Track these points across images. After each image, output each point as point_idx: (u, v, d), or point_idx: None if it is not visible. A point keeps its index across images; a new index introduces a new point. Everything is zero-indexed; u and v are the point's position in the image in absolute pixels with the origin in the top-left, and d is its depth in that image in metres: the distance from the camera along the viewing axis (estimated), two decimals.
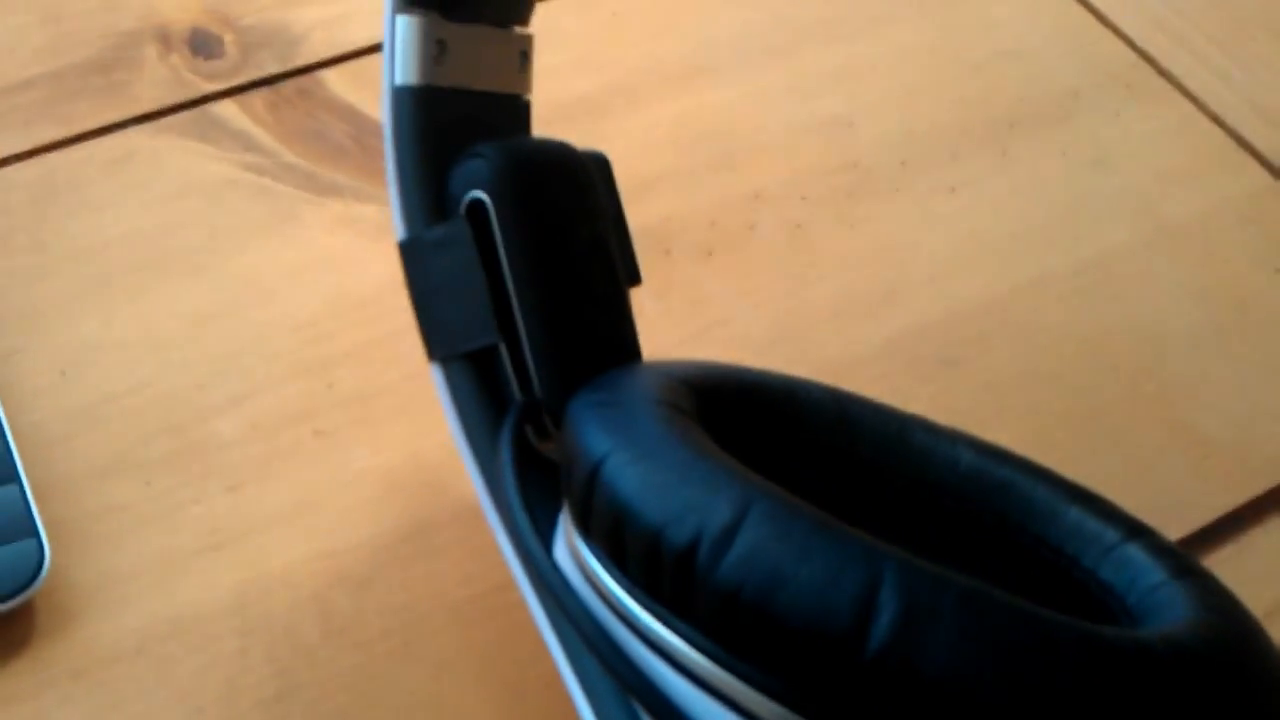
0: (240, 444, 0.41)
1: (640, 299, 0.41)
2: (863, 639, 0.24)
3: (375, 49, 0.52)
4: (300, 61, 0.51)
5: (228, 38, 0.51)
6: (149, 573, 0.38)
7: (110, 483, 0.40)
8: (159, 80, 0.50)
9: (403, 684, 0.37)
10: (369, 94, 0.50)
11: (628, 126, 0.50)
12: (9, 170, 0.47)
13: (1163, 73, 0.54)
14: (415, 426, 0.42)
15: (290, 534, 0.39)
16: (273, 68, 0.51)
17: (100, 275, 0.44)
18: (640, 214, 0.47)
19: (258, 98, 0.50)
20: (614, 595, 0.27)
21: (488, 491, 0.32)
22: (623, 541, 0.27)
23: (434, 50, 0.32)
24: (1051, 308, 0.47)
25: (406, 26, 0.32)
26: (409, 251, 0.32)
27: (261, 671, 0.37)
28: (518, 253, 0.31)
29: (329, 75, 0.51)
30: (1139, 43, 0.55)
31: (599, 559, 0.28)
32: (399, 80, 0.32)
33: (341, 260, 0.45)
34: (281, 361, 0.43)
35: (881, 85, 0.53)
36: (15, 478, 0.38)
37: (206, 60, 0.51)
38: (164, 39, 0.51)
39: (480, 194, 0.31)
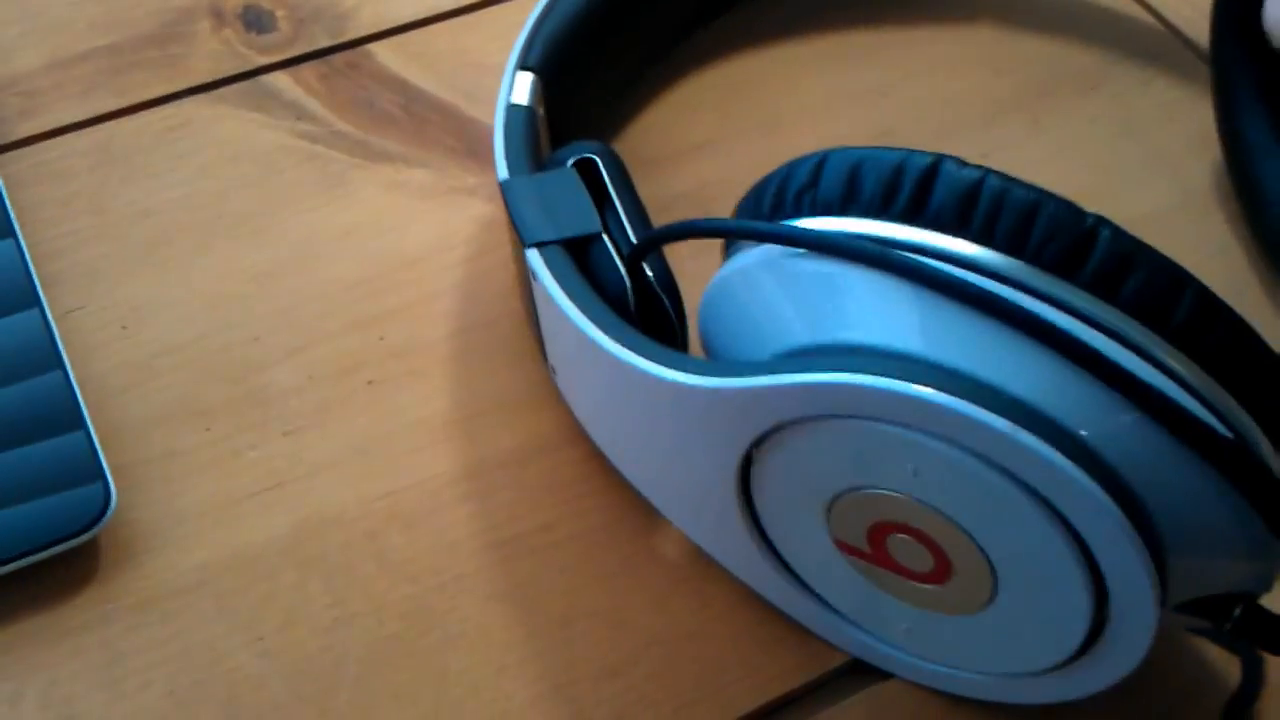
0: (297, 393, 0.42)
1: (679, 259, 0.43)
2: None
3: (421, 24, 0.53)
4: (350, 35, 0.52)
5: (280, 13, 0.53)
6: (210, 513, 0.40)
7: (171, 429, 0.41)
8: (213, 53, 0.51)
9: (454, 614, 0.38)
10: (416, 66, 0.51)
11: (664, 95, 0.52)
12: (68, 138, 0.48)
13: (1189, 44, 0.55)
14: (462, 378, 0.43)
15: (345, 476, 0.41)
16: (324, 41, 0.52)
17: (157, 237, 0.46)
18: (681, 179, 0.49)
19: (309, 70, 0.51)
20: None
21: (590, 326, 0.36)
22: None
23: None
24: None
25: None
26: (517, 183, 0.40)
27: (320, 602, 0.38)
28: (622, 183, 0.40)
29: (378, 48, 0.52)
30: (1166, 15, 0.56)
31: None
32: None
33: (391, 222, 0.47)
34: (335, 317, 0.44)
35: (916, 54, 0.54)
36: (82, 424, 0.40)
37: (259, 35, 0.52)
38: (217, 14, 0.53)
39: (592, 154, 0.40)
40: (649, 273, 0.38)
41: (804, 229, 0.32)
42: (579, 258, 0.38)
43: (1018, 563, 0.31)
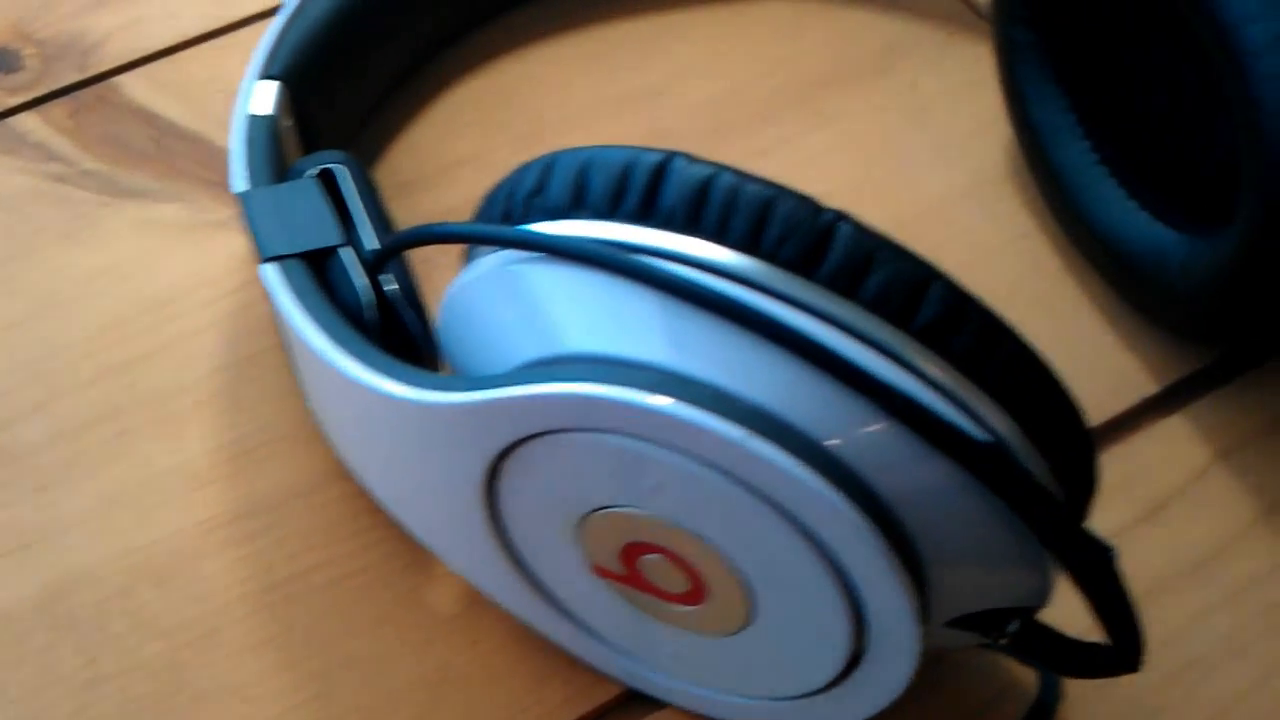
0: (45, 447, 0.41)
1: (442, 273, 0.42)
2: None
3: (172, 50, 0.51)
4: (99, 68, 0.50)
5: (27, 51, 0.51)
6: None
7: None
8: None
9: (206, 670, 0.37)
10: (167, 96, 0.50)
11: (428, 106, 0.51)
12: None
13: (984, 16, 0.54)
14: (220, 420, 0.42)
15: (96, 532, 0.39)
16: (72, 76, 0.50)
17: None
18: (446, 196, 0.48)
19: (58, 107, 0.49)
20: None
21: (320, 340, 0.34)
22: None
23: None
24: None
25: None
26: (255, 195, 0.38)
27: (71, 664, 0.37)
28: (365, 193, 0.38)
29: (127, 80, 0.50)
30: None
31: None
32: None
33: (141, 263, 0.45)
34: (83, 366, 0.43)
35: (691, 51, 0.53)
36: None
37: (6, 74, 0.50)
38: None
39: (333, 165, 0.39)
40: (391, 285, 0.36)
41: (529, 231, 0.31)
42: (320, 272, 0.37)
43: (771, 581, 0.30)
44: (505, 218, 0.32)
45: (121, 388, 0.42)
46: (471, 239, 0.32)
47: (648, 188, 0.30)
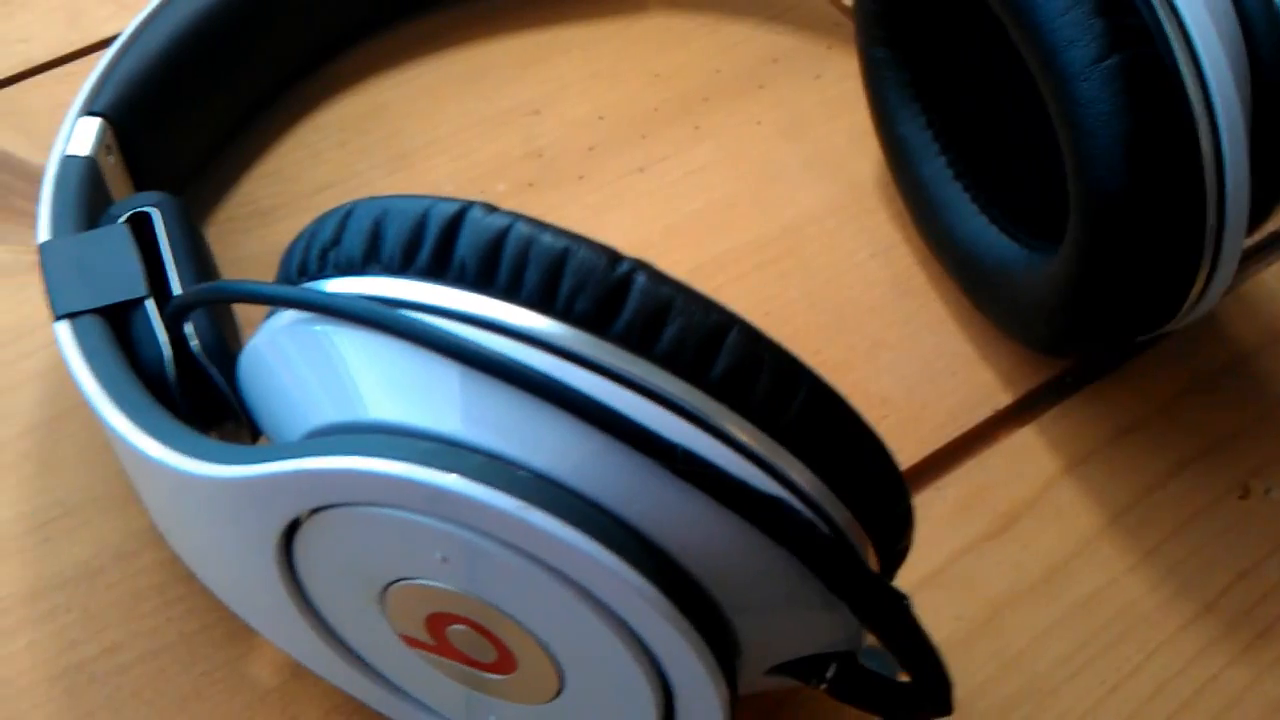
0: None
1: None
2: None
3: (13, 80, 0.49)
4: None
5: None
6: None
7: None
8: None
9: None
10: (4, 127, 0.47)
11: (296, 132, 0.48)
12: None
13: None
14: (33, 483, 0.39)
15: None
16: None
17: None
18: (301, 227, 0.45)
19: None
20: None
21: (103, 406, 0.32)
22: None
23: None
24: (734, 284, 0.44)
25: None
26: (57, 245, 0.36)
27: None
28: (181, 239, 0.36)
29: None
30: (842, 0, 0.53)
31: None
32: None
33: None
34: None
35: (571, 68, 0.50)
36: None
37: None
38: None
39: (148, 208, 0.36)
40: (194, 341, 0.34)
41: (307, 291, 0.28)
42: (122, 328, 0.34)
43: (572, 649, 0.29)
44: (301, 271, 0.30)
45: None
46: (253, 298, 0.30)
47: (440, 241, 0.28)
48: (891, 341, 0.43)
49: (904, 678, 0.30)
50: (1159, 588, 0.38)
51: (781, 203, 0.47)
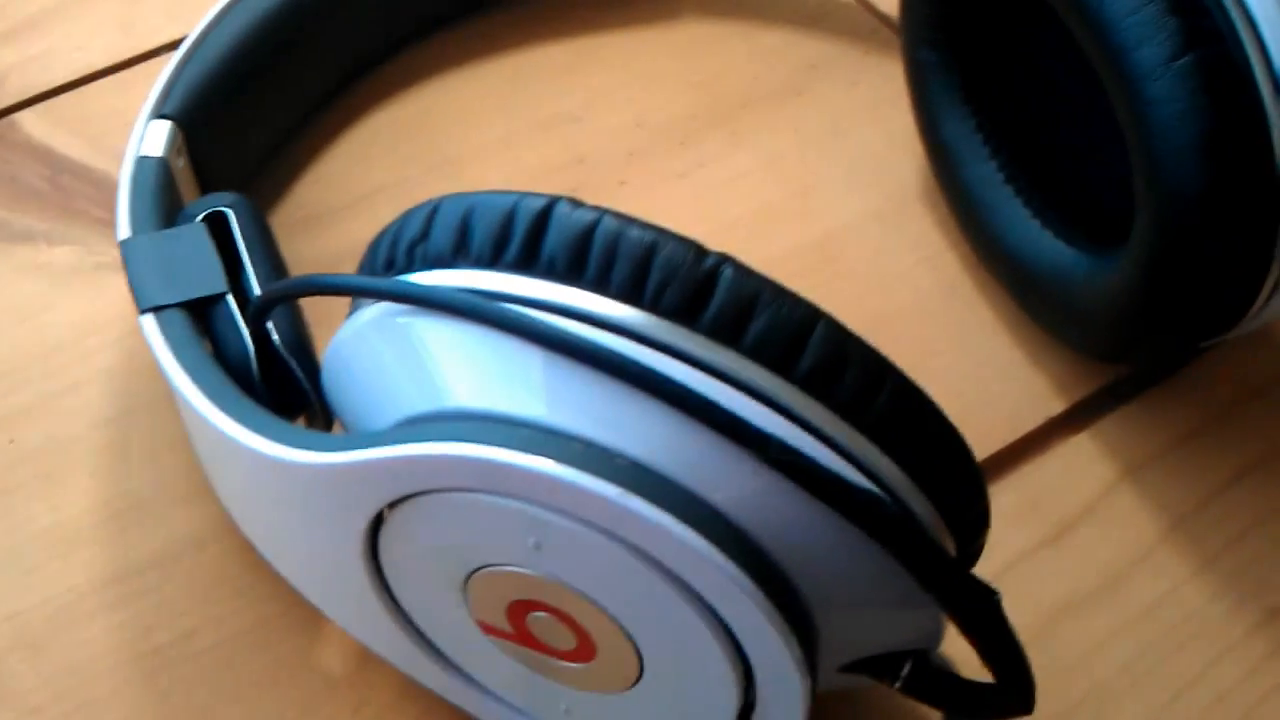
0: None
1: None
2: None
3: (74, 85, 0.50)
4: None
5: None
6: None
7: None
8: None
9: None
10: (65, 132, 0.48)
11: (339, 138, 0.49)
12: None
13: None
14: (106, 475, 0.40)
15: None
16: None
17: None
18: (357, 230, 0.46)
19: None
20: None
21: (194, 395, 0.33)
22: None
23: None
24: None
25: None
26: (138, 243, 0.37)
27: None
28: (256, 237, 0.38)
29: (25, 117, 0.49)
30: (876, 5, 0.54)
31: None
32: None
33: (29, 309, 0.44)
34: None
35: (609, 75, 0.52)
36: None
37: None
38: None
39: (223, 208, 0.38)
40: (275, 335, 0.35)
41: (403, 283, 0.30)
42: (204, 322, 0.36)
43: (656, 637, 0.29)
44: (388, 266, 0.31)
45: (2, 444, 0.40)
46: (346, 291, 0.31)
47: (529, 235, 0.29)
48: (940, 349, 0.44)
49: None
50: (1220, 596, 0.38)
51: (823, 209, 0.48)
